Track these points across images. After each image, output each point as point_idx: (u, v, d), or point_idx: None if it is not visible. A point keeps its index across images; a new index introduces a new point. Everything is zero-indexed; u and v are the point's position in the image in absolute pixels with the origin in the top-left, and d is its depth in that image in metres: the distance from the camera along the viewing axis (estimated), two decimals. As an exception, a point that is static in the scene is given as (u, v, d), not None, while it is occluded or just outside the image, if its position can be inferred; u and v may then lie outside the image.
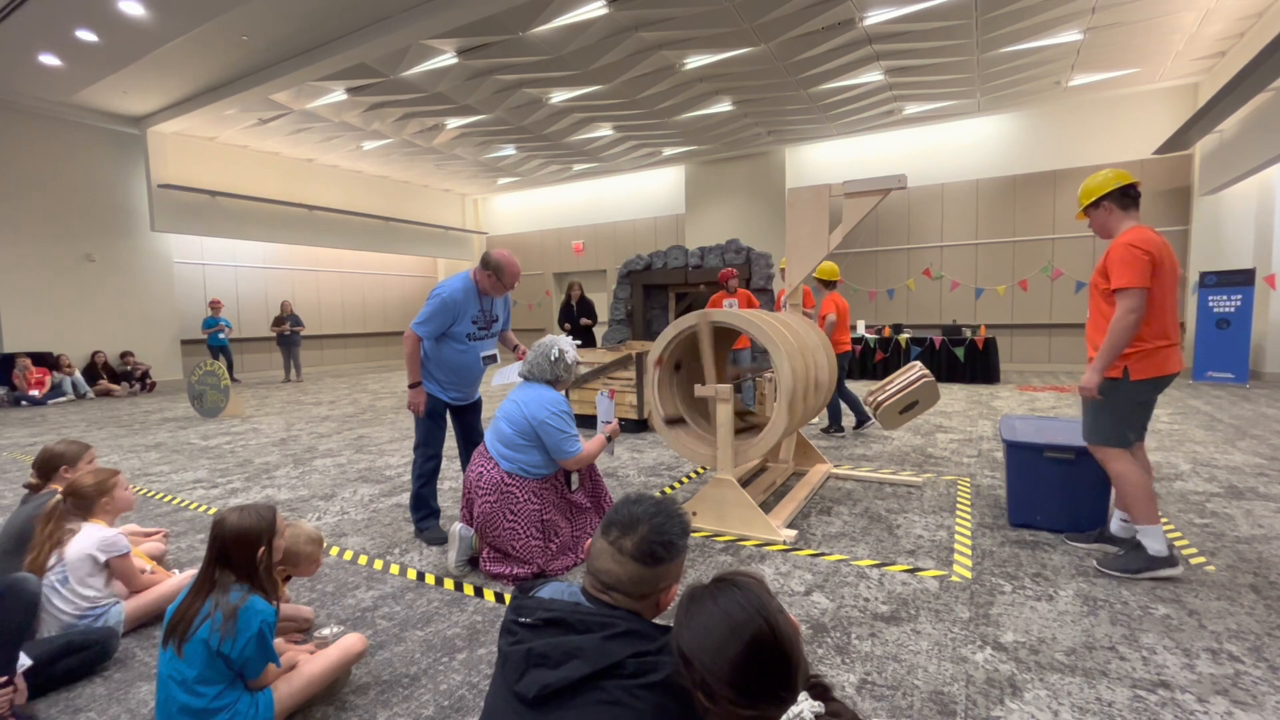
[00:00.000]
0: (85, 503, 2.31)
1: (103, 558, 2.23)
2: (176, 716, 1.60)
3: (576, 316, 8.50)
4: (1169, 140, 8.65)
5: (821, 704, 0.92)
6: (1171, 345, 2.54)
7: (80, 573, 2.20)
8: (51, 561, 2.18)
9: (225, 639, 1.59)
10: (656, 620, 1.23)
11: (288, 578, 2.19)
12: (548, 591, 1.25)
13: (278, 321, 11.69)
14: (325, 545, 3.18)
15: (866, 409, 3.95)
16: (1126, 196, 2.62)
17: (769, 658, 0.96)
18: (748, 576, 1.06)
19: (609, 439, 2.95)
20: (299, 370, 11.84)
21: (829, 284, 5.71)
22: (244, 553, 1.71)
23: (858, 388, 8.45)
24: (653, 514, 1.22)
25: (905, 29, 7.18)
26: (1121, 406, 2.60)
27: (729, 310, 3.37)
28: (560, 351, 2.86)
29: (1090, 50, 7.88)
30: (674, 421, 3.61)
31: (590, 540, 1.26)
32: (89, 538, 2.23)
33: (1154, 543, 2.56)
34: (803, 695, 0.93)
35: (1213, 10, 6.99)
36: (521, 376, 2.93)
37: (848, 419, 6.16)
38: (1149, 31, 7.42)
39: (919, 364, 3.94)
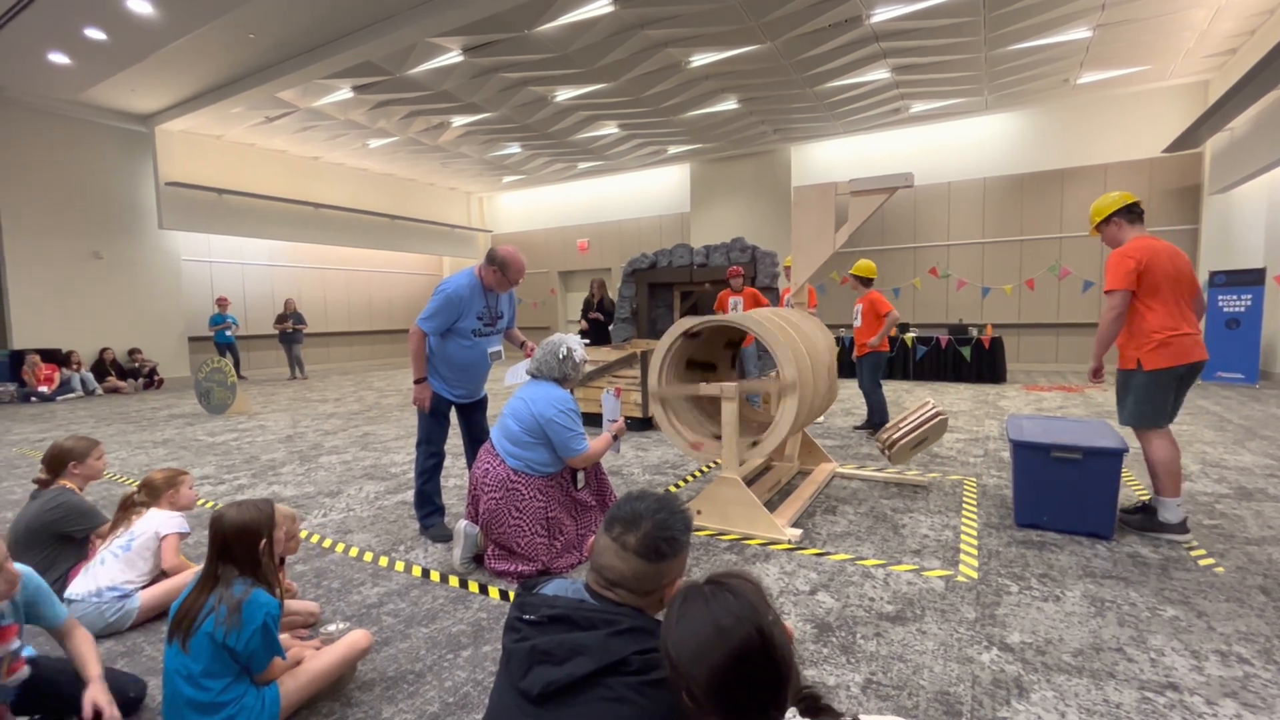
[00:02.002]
0: (154, 493, 2.55)
1: (164, 531, 2.45)
2: (183, 710, 1.61)
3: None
4: (1179, 138, 8.58)
5: None
6: (1182, 336, 2.87)
7: (143, 543, 2.41)
8: (119, 532, 2.43)
9: (230, 631, 1.60)
10: (660, 616, 1.23)
11: (281, 561, 2.22)
12: (552, 589, 1.24)
13: (280, 319, 11.72)
14: (331, 543, 3.19)
15: (878, 445, 3.92)
16: (1132, 213, 3.03)
17: (756, 670, 0.93)
18: (744, 580, 1.03)
19: (615, 437, 2.95)
20: (301, 368, 11.87)
21: (867, 281, 5.62)
22: (246, 546, 1.72)
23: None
24: (655, 510, 1.22)
25: (912, 26, 7.14)
26: (1141, 393, 2.97)
27: (731, 315, 3.36)
28: (568, 349, 2.85)
29: (1099, 47, 7.82)
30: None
31: (593, 538, 1.26)
32: (157, 516, 2.49)
33: (1168, 512, 2.93)
34: (791, 712, 0.89)
35: (1224, 7, 6.92)
36: (529, 374, 2.94)
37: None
38: (1159, 28, 7.36)
39: (931, 400, 3.91)
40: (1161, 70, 8.68)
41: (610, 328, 8.54)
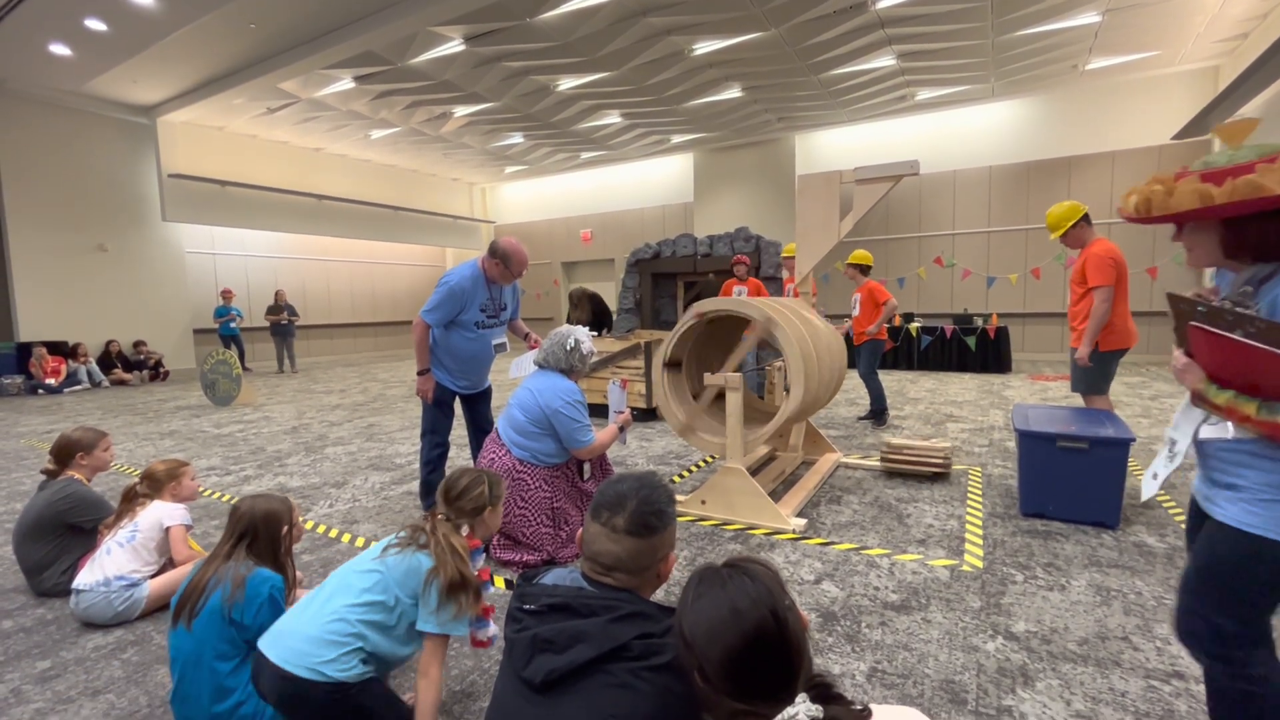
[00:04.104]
0: (156, 485, 2.53)
1: (168, 523, 2.45)
2: (192, 696, 1.61)
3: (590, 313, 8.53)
4: (1188, 125, 8.49)
5: (820, 708, 0.89)
6: (1127, 321, 3.51)
7: (147, 534, 2.42)
8: (123, 523, 2.43)
9: (235, 604, 1.63)
10: (659, 592, 1.24)
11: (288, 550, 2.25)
12: (551, 578, 1.25)
13: (273, 310, 11.52)
14: (338, 534, 3.21)
15: (882, 450, 3.97)
16: (1087, 219, 3.62)
17: (769, 654, 0.93)
18: (761, 566, 1.04)
19: (621, 429, 2.95)
20: (293, 361, 11.69)
21: (865, 270, 5.59)
22: (271, 531, 1.79)
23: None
24: (638, 488, 1.24)
25: (918, 12, 7.05)
26: (1097, 369, 3.60)
27: (738, 299, 3.35)
28: (576, 341, 2.85)
29: (1109, 32, 7.71)
30: (672, 364, 3.60)
31: (580, 529, 1.26)
32: (161, 508, 2.49)
33: None
34: (801, 698, 0.89)
35: (1236, -10, 6.82)
36: (537, 364, 2.94)
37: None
38: (1169, 12, 7.25)
39: (949, 455, 3.82)
40: (1171, 56, 8.57)
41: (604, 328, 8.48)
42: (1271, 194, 1.15)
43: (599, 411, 5.44)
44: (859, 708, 0.93)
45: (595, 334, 3.36)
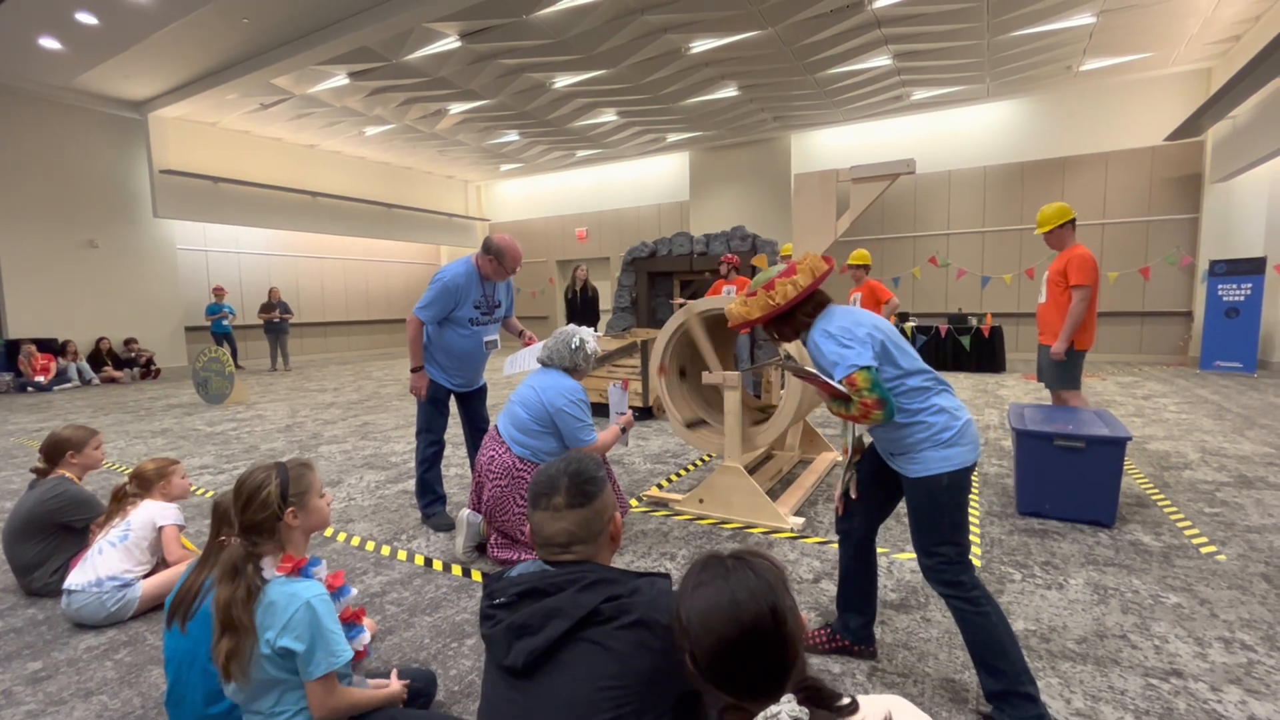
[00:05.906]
0: (145, 484, 2.50)
1: (161, 523, 2.44)
2: (187, 698, 1.60)
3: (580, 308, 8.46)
4: (1181, 127, 8.54)
5: (806, 710, 0.87)
6: (1093, 327, 3.75)
7: (139, 534, 2.39)
8: (115, 523, 2.41)
9: None
10: (616, 556, 1.28)
11: None
12: (516, 571, 1.27)
13: (266, 308, 11.36)
14: (333, 533, 3.19)
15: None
16: (1072, 224, 3.82)
17: (763, 650, 0.92)
18: (768, 561, 1.03)
19: (623, 429, 2.94)
20: (286, 359, 11.57)
21: (866, 269, 5.68)
22: None
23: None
24: (564, 466, 1.28)
25: (915, 12, 7.06)
26: (1075, 366, 3.78)
27: (713, 299, 3.34)
28: (581, 340, 2.85)
29: (1103, 34, 7.75)
30: (694, 424, 3.59)
31: (529, 527, 1.29)
32: (152, 507, 2.47)
33: None
34: (786, 698, 0.88)
35: (1229, -7, 6.86)
36: (540, 361, 2.92)
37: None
38: (1163, 14, 7.29)
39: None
40: (1164, 57, 8.62)
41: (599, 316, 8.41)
42: (751, 318, 1.84)
43: (599, 411, 5.43)
44: (846, 701, 0.91)
45: (599, 333, 3.35)
